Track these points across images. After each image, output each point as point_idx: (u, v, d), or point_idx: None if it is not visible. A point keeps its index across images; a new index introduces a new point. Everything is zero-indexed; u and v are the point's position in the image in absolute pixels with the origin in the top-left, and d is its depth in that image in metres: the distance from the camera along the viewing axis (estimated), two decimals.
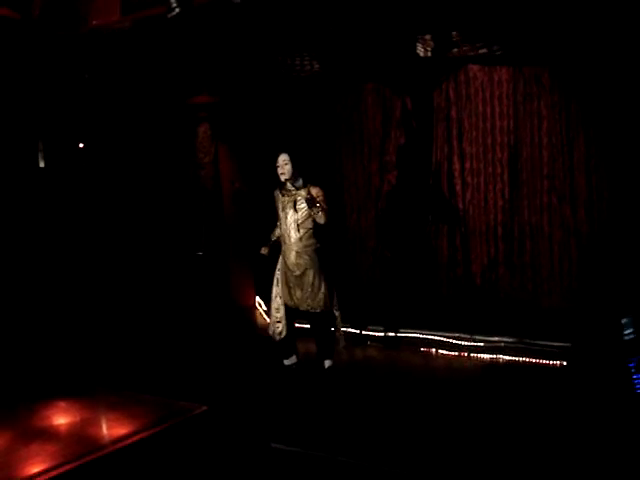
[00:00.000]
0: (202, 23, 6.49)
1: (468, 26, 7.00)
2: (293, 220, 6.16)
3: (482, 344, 7.30)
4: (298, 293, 6.23)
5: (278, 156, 6.18)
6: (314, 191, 6.03)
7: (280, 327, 6.34)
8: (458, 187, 7.91)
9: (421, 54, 7.47)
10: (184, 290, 8.60)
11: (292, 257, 6.17)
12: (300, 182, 6.17)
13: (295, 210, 6.14)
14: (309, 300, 6.18)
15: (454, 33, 7.04)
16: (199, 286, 8.64)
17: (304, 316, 6.37)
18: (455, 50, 7.29)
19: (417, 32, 7.17)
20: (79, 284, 7.95)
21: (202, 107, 8.86)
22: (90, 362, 6.97)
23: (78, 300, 7.85)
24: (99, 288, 8.11)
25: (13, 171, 7.64)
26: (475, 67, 7.73)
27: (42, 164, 8.08)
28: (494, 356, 7.15)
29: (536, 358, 6.89)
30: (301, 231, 6.14)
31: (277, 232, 6.45)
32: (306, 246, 6.16)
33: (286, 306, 6.35)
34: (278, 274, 6.41)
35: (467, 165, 7.86)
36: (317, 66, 8.10)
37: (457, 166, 7.91)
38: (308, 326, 6.48)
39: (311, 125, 8.77)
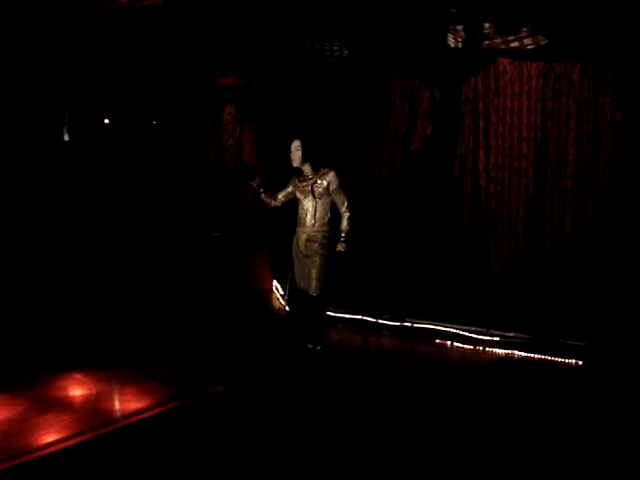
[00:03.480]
0: (234, 1, 6.47)
1: (501, 18, 6.95)
2: (311, 206, 6.32)
3: (498, 339, 7.30)
4: (300, 271, 6.42)
5: (291, 143, 6.35)
6: (330, 175, 6.23)
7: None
8: (482, 181, 7.85)
9: (452, 45, 7.41)
10: (202, 271, 8.61)
11: (303, 239, 6.36)
12: (309, 168, 6.29)
13: (313, 196, 6.27)
14: (304, 280, 6.36)
15: (487, 25, 6.98)
16: (217, 268, 8.65)
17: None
18: (486, 42, 7.22)
19: (449, 22, 7.12)
20: (101, 260, 7.99)
21: (228, 88, 8.83)
22: (109, 338, 7.01)
23: (100, 276, 7.89)
24: (120, 265, 8.14)
25: (38, 143, 7.66)
26: (505, 61, 7.64)
27: (66, 137, 8.10)
28: (509, 351, 7.14)
29: (552, 356, 6.87)
30: (317, 217, 6.29)
31: (271, 200, 6.62)
32: (318, 231, 6.31)
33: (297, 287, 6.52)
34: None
35: (492, 159, 7.80)
36: (346, 52, 8.06)
37: (482, 159, 7.86)
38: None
39: (337, 111, 8.72)
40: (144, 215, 8.56)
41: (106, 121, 8.54)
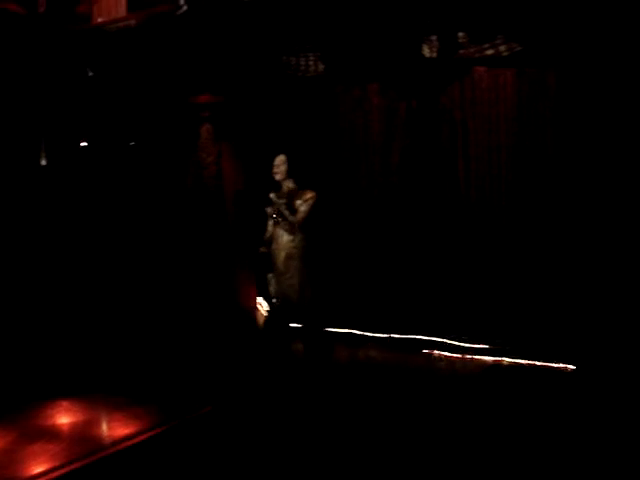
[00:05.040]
0: (208, 21, 6.47)
1: (475, 27, 7.00)
2: (288, 222, 6.25)
3: (486, 346, 7.30)
4: (280, 289, 6.44)
5: (276, 157, 6.39)
6: (308, 195, 6.29)
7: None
8: (462, 189, 7.87)
9: (427, 55, 7.45)
10: (186, 290, 8.53)
11: (282, 257, 6.33)
12: (291, 184, 6.36)
13: (291, 212, 6.27)
14: (290, 295, 6.37)
15: (460, 34, 7.03)
16: (202, 287, 8.58)
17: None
18: (461, 51, 7.26)
19: (423, 33, 7.16)
20: (81, 284, 7.90)
21: (205, 107, 8.78)
22: (92, 362, 6.92)
23: (80, 301, 7.80)
24: (101, 288, 8.06)
25: (15, 168, 7.59)
26: (481, 69, 7.67)
27: (44, 162, 8.03)
28: (498, 358, 7.13)
29: (541, 361, 6.87)
30: (293, 233, 6.20)
31: (270, 231, 6.59)
32: (297, 247, 6.30)
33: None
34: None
35: (472, 167, 7.82)
36: (322, 66, 8.07)
37: (461, 168, 7.88)
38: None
39: (315, 125, 8.71)
40: (125, 237, 8.49)
41: (83, 143, 8.47)
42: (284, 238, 6.29)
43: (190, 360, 7.11)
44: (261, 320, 8.88)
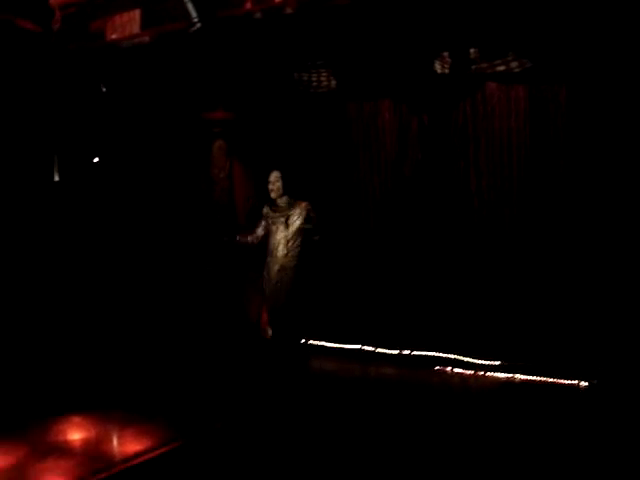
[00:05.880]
0: (221, 38, 6.50)
1: (486, 43, 7.02)
2: (283, 236, 6.27)
3: (499, 362, 7.26)
4: (272, 297, 6.37)
5: (270, 173, 6.34)
6: (303, 205, 6.25)
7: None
8: (475, 204, 7.86)
9: (439, 71, 7.46)
10: (197, 305, 8.55)
11: (275, 270, 6.28)
12: (286, 199, 6.31)
13: (286, 226, 6.24)
14: (278, 301, 6.31)
15: (472, 50, 7.04)
16: (212, 301, 8.59)
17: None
18: (473, 67, 7.27)
19: (435, 49, 7.18)
20: (93, 299, 7.91)
21: (217, 123, 8.85)
22: (104, 378, 6.92)
23: (91, 316, 7.81)
24: (112, 304, 8.07)
25: (28, 184, 7.63)
26: (493, 84, 7.68)
27: (57, 177, 8.07)
28: (510, 375, 7.09)
29: (555, 378, 6.83)
30: (290, 247, 6.24)
31: (247, 239, 6.61)
32: (290, 261, 6.25)
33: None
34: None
35: (484, 182, 7.82)
36: (334, 82, 8.10)
37: (473, 182, 7.87)
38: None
39: (326, 141, 8.73)
40: (138, 253, 8.51)
41: (96, 159, 8.52)
42: (279, 251, 6.26)
43: (199, 374, 7.11)
44: (269, 334, 8.88)
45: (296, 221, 6.23)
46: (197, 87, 8.18)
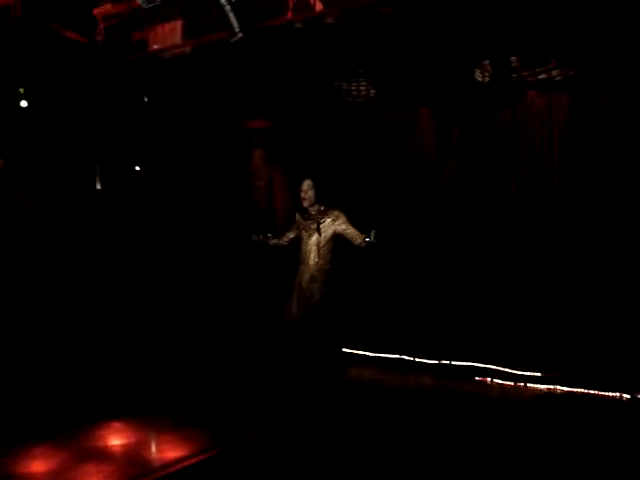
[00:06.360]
0: (263, 48, 6.56)
1: (527, 51, 6.95)
2: (315, 243, 6.30)
3: (539, 374, 7.16)
4: (299, 302, 6.37)
5: (302, 181, 6.40)
6: (336, 212, 6.28)
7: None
8: (515, 212, 7.77)
9: (479, 79, 7.41)
10: (234, 313, 8.59)
11: (306, 278, 6.31)
12: (318, 207, 6.36)
13: (319, 234, 6.25)
14: (306, 306, 6.31)
15: (513, 58, 6.98)
16: (251, 310, 8.63)
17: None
18: (514, 76, 7.21)
19: (475, 57, 7.13)
20: (134, 307, 8.00)
21: (257, 132, 8.92)
22: (143, 383, 6.99)
23: (135, 321, 7.89)
24: (153, 309, 8.15)
25: (71, 192, 7.76)
26: (533, 93, 7.61)
27: (99, 186, 8.20)
28: (551, 386, 6.99)
29: (597, 390, 6.71)
30: (321, 254, 6.27)
31: (277, 241, 6.71)
32: (321, 270, 6.27)
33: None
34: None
35: (524, 190, 7.74)
36: (373, 91, 8.09)
37: (514, 190, 7.79)
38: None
39: (365, 149, 8.72)
40: (179, 262, 8.59)
41: (137, 168, 8.63)
42: (311, 259, 6.27)
43: (237, 380, 7.13)
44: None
45: (328, 229, 6.25)
46: (237, 97, 8.24)
